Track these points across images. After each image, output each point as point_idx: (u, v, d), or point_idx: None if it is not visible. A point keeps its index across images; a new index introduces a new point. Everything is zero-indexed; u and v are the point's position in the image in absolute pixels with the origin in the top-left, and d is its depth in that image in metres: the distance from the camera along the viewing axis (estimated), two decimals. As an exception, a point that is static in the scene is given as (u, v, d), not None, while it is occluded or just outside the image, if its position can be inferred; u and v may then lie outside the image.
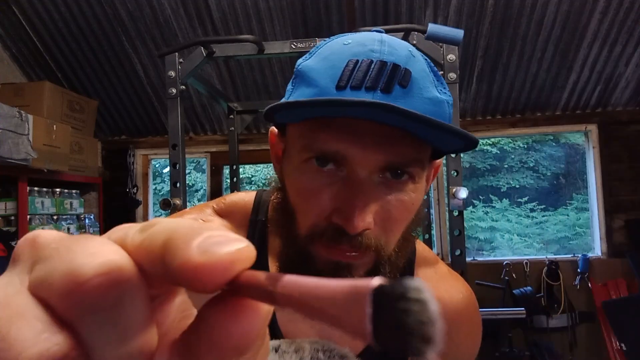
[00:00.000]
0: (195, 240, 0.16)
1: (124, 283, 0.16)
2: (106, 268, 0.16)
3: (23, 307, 0.16)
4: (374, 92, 0.47)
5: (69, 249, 0.16)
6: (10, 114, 2.37)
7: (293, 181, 0.53)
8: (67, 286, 0.15)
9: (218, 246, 0.16)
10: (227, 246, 0.16)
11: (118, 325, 0.16)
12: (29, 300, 0.16)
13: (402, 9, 2.80)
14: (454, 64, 1.69)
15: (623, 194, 3.36)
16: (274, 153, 0.60)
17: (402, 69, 0.49)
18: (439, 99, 0.51)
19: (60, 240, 0.17)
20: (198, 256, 0.16)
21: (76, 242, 0.17)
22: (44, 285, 0.16)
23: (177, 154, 1.80)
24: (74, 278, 0.15)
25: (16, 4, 2.88)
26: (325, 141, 0.49)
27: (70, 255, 0.16)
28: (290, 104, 0.47)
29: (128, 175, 3.61)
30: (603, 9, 2.76)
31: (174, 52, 1.81)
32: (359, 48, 0.50)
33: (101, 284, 0.15)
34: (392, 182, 0.50)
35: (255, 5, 2.80)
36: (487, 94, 3.31)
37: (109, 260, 0.16)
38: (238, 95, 3.31)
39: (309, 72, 0.51)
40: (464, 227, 1.74)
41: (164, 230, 0.17)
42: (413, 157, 0.50)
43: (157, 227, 0.17)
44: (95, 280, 0.15)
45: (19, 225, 2.65)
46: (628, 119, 3.36)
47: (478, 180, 7.12)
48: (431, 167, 0.57)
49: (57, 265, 0.16)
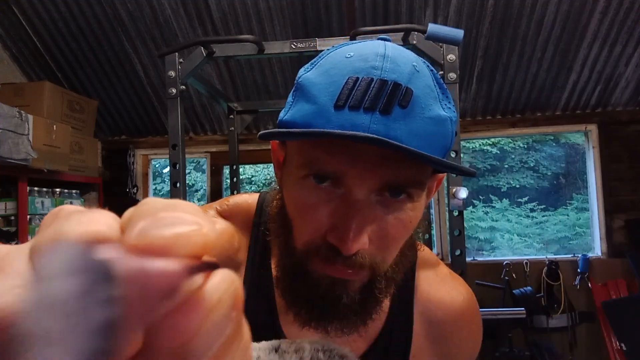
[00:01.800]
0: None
1: (99, 246, 0.16)
2: (89, 236, 0.16)
3: (11, 263, 0.17)
4: (372, 113, 0.47)
5: (69, 217, 0.17)
6: (10, 114, 2.37)
7: (291, 195, 0.53)
8: (50, 245, 0.16)
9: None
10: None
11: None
12: (22, 259, 0.17)
13: (402, 9, 2.80)
14: (454, 64, 1.69)
15: (623, 194, 3.36)
16: (275, 158, 0.60)
17: (403, 87, 0.48)
18: (441, 117, 0.50)
19: (73, 211, 0.18)
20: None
21: (81, 212, 0.18)
22: (35, 248, 0.17)
23: (177, 154, 1.80)
24: (56, 237, 0.16)
25: (16, 4, 2.88)
26: (323, 162, 0.48)
27: (65, 222, 0.17)
28: (283, 133, 0.47)
29: (128, 175, 3.61)
30: (603, 9, 2.76)
31: (174, 52, 1.81)
32: (361, 63, 0.50)
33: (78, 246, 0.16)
34: (390, 201, 0.50)
35: (255, 5, 2.80)
36: (487, 94, 3.31)
37: (96, 229, 0.17)
38: (238, 95, 3.31)
39: (310, 87, 0.51)
40: (464, 227, 1.74)
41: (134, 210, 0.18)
42: (412, 179, 0.49)
43: (145, 206, 0.18)
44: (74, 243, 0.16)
45: (19, 225, 2.65)
46: (628, 119, 3.37)
47: (478, 180, 7.12)
48: (434, 179, 0.57)
49: (50, 230, 0.17)
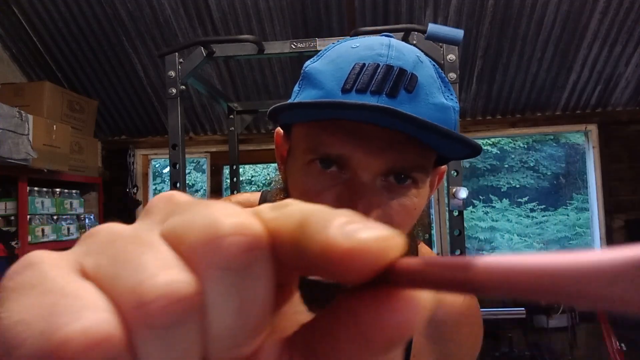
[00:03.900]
0: (335, 222, 0.14)
1: (257, 250, 0.15)
2: (244, 229, 0.15)
3: (155, 242, 0.15)
4: (379, 96, 0.47)
5: (208, 206, 0.16)
6: (10, 114, 2.37)
7: (296, 182, 0.53)
8: (204, 237, 0.15)
9: (365, 231, 0.14)
10: (374, 232, 0.14)
11: (242, 292, 0.15)
12: (160, 239, 0.16)
13: (402, 9, 2.80)
14: (454, 64, 1.69)
15: (623, 194, 3.36)
16: (278, 154, 0.60)
17: (409, 73, 0.49)
18: (445, 105, 0.50)
19: (196, 200, 0.17)
20: (343, 241, 0.14)
21: (213, 203, 0.16)
22: (178, 232, 0.15)
23: (177, 154, 1.80)
24: (213, 230, 0.15)
25: (16, 4, 2.88)
26: (329, 144, 0.49)
27: (210, 210, 0.15)
28: (294, 104, 0.47)
29: (128, 175, 3.61)
30: (603, 9, 2.76)
31: (174, 52, 1.81)
32: (367, 52, 0.50)
33: (238, 242, 0.15)
34: (395, 186, 0.50)
35: (255, 5, 2.80)
36: (487, 94, 3.31)
37: (248, 222, 0.15)
38: (238, 95, 3.31)
39: (316, 74, 0.51)
40: (464, 227, 1.74)
41: (300, 210, 0.16)
42: (417, 162, 0.50)
43: (293, 207, 0.16)
44: (232, 238, 0.15)
45: (19, 225, 2.65)
46: (628, 119, 3.37)
47: (478, 180, 7.12)
48: (435, 173, 0.57)
49: (196, 217, 0.15)
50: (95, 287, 0.14)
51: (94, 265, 0.15)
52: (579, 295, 0.13)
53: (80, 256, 0.16)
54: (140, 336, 0.14)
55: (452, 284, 0.14)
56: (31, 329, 0.13)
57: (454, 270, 0.14)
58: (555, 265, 0.13)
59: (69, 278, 0.15)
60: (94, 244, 0.16)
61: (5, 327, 0.14)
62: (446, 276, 0.14)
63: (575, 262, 0.13)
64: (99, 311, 0.13)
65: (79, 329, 0.13)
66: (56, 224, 2.96)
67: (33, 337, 0.13)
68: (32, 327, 0.13)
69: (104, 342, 0.13)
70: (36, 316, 0.13)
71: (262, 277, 0.15)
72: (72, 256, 0.16)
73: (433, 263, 0.15)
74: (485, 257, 0.14)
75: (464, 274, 0.14)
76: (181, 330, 0.14)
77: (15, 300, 0.14)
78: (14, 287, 0.15)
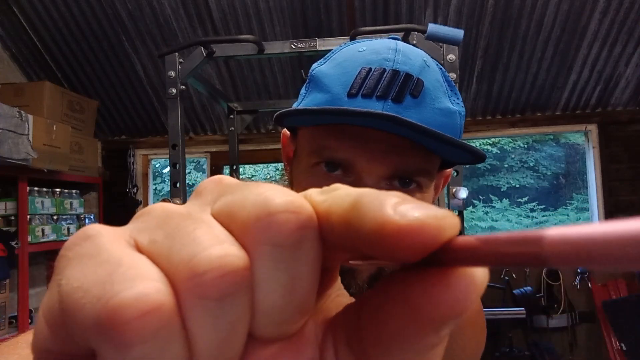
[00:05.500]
0: (390, 200, 0.14)
1: (308, 229, 0.15)
2: (296, 207, 0.15)
3: (206, 219, 0.16)
4: (384, 101, 0.47)
5: (258, 186, 0.16)
6: (10, 114, 2.37)
7: (301, 183, 0.54)
8: (255, 214, 0.15)
9: (420, 210, 0.14)
10: (429, 211, 0.14)
11: (290, 270, 0.15)
12: (211, 217, 0.16)
13: (402, 9, 2.80)
14: (454, 64, 1.69)
15: (623, 194, 3.36)
16: (285, 154, 0.61)
17: (415, 78, 0.49)
18: (450, 110, 0.51)
19: (245, 182, 0.18)
20: (399, 219, 0.14)
21: (263, 183, 0.17)
22: (230, 211, 0.16)
23: (177, 154, 1.80)
24: (264, 207, 0.15)
25: (16, 4, 2.88)
26: (334, 148, 0.49)
27: (261, 189, 0.16)
28: (300, 111, 0.48)
29: (128, 175, 3.61)
30: (603, 9, 2.76)
31: (174, 52, 1.81)
32: (373, 56, 0.50)
33: (289, 220, 0.15)
34: (400, 190, 0.50)
35: (255, 5, 2.80)
36: (487, 94, 3.31)
37: (300, 201, 0.15)
38: (238, 95, 3.31)
39: (322, 78, 0.52)
40: (464, 227, 1.74)
41: (351, 192, 0.16)
42: (421, 167, 0.50)
43: (342, 190, 0.16)
44: (284, 215, 0.15)
45: (19, 225, 2.65)
46: (628, 119, 3.36)
47: (478, 180, 7.12)
48: (440, 176, 0.58)
49: (247, 195, 0.16)
50: (149, 260, 0.15)
51: (149, 241, 0.16)
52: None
53: (134, 232, 0.16)
54: (190, 307, 0.14)
55: (520, 259, 0.14)
56: (89, 295, 0.14)
57: (523, 245, 0.14)
58: (622, 231, 0.12)
59: (124, 250, 0.15)
60: (147, 221, 0.17)
61: (65, 292, 0.15)
62: (514, 251, 0.14)
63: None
64: (152, 281, 0.14)
65: (133, 296, 0.13)
66: (56, 224, 2.96)
67: (91, 302, 0.14)
68: (90, 293, 0.14)
69: (156, 310, 0.13)
70: (94, 283, 0.14)
71: (310, 257, 0.15)
72: (127, 231, 0.17)
73: (492, 240, 0.14)
74: (550, 229, 0.14)
75: (535, 248, 0.14)
76: (231, 303, 0.14)
77: (74, 269, 0.15)
78: (73, 257, 0.15)
